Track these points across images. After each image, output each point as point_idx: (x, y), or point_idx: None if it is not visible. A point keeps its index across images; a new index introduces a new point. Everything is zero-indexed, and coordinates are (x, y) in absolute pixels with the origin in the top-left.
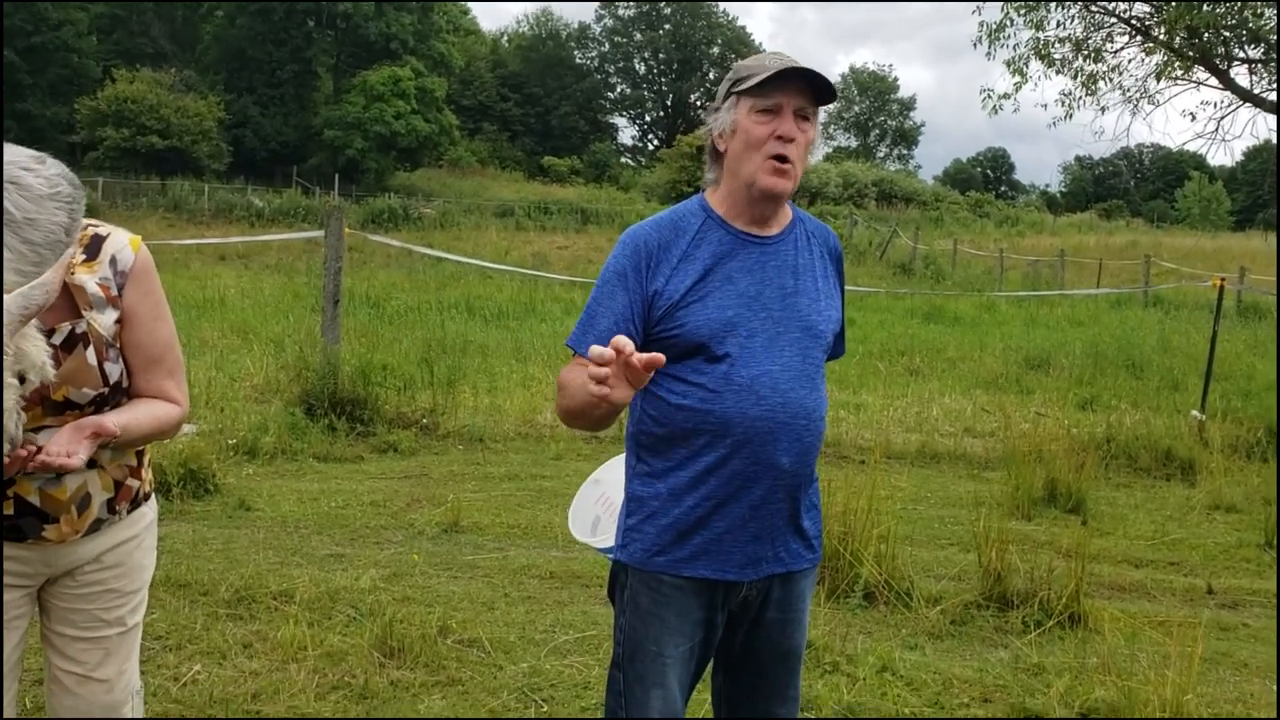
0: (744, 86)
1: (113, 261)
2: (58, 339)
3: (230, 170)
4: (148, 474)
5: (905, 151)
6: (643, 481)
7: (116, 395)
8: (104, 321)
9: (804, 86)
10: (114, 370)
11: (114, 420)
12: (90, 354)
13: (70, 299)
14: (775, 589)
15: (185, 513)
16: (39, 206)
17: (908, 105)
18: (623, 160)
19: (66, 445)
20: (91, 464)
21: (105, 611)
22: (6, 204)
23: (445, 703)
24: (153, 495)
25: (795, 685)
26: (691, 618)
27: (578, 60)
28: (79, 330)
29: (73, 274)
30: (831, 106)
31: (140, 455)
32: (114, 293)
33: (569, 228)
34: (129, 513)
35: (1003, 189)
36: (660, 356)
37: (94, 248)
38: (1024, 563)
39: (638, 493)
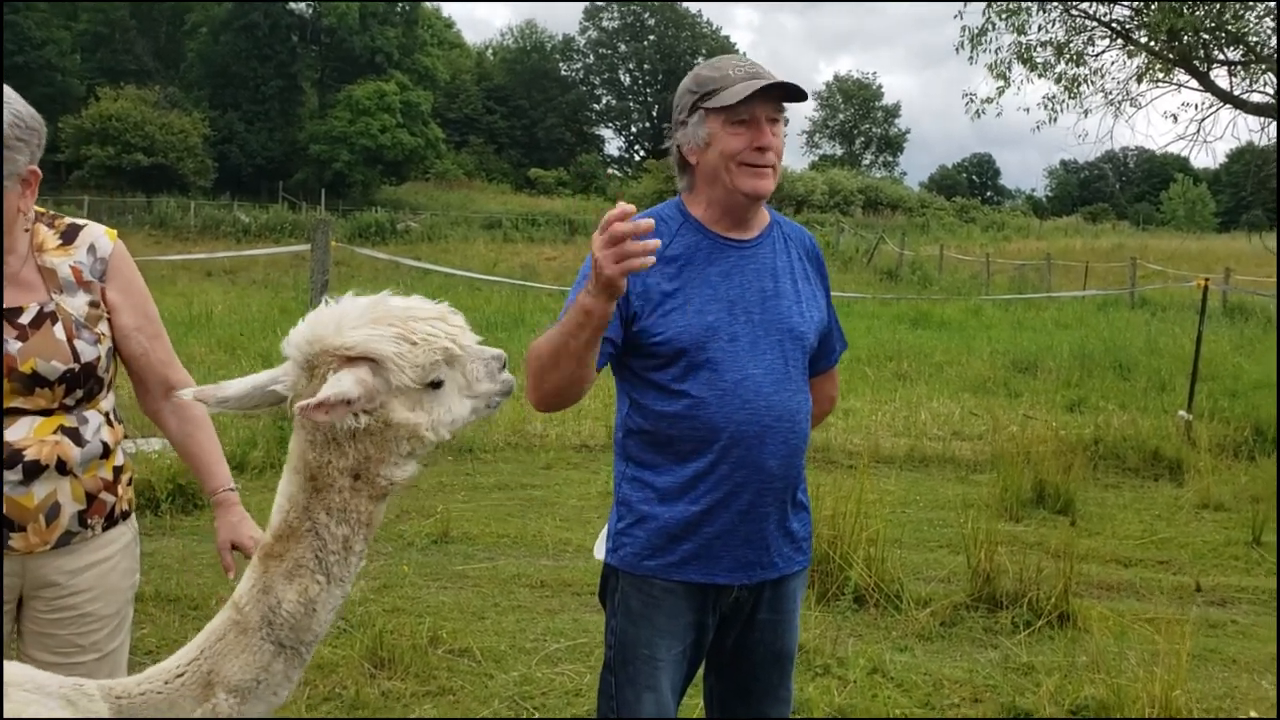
0: (714, 104)
1: (91, 249)
2: (26, 318)
3: (216, 186)
4: (127, 492)
5: (890, 159)
6: (632, 486)
7: (89, 379)
8: (74, 304)
9: (774, 93)
10: (88, 351)
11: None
12: (59, 330)
13: (42, 280)
14: (766, 590)
15: (175, 528)
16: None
17: (892, 112)
18: (609, 171)
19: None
20: (63, 470)
21: (80, 637)
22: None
23: (436, 712)
24: (132, 515)
25: (787, 686)
26: (682, 620)
27: (563, 72)
28: (47, 309)
29: (42, 256)
30: (816, 115)
31: (119, 471)
32: (87, 277)
33: (557, 239)
34: (104, 530)
35: (988, 194)
36: (630, 208)
37: (71, 234)
38: (1013, 564)
39: (627, 497)
